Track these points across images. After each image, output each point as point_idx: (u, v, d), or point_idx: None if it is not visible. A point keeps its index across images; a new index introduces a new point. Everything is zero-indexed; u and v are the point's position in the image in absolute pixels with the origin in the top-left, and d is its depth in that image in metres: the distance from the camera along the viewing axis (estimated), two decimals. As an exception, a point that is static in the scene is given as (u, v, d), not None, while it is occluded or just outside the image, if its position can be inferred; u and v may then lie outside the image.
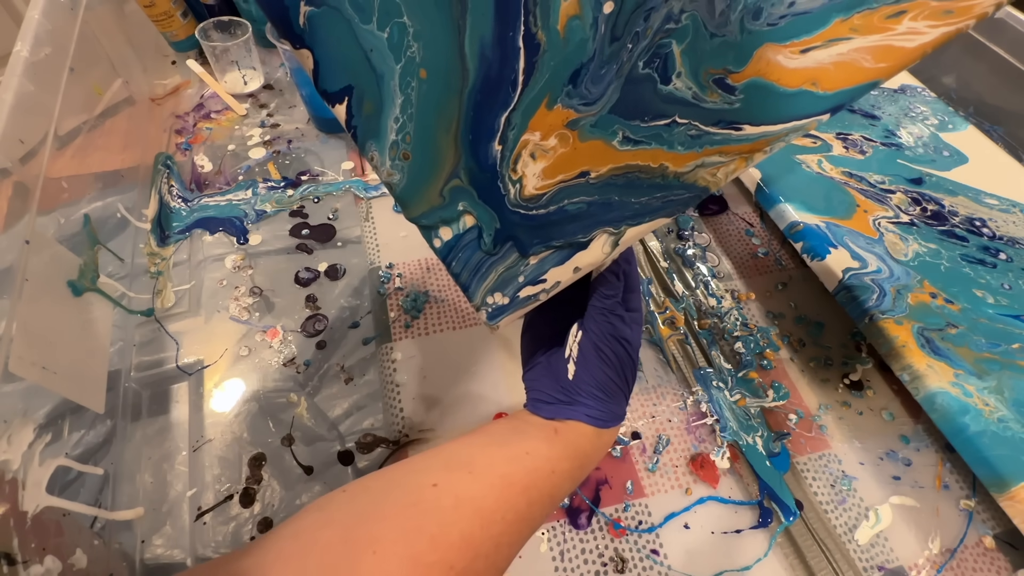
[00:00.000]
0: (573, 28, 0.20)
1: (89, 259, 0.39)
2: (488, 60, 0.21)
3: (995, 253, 0.45)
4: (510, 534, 0.23)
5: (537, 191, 0.24)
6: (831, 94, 0.20)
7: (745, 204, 0.57)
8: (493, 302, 0.26)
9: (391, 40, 0.21)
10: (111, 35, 0.56)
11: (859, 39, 0.19)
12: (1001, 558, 0.36)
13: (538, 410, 0.28)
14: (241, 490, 0.37)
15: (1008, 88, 0.58)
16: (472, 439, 0.27)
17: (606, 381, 0.27)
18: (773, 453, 0.40)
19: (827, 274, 0.42)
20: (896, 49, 0.19)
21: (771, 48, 0.20)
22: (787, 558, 0.36)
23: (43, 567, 0.26)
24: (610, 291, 0.27)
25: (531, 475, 0.25)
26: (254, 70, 0.65)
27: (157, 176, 0.54)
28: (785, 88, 0.20)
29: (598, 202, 0.24)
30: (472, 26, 0.20)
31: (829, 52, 0.19)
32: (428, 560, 0.21)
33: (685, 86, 0.21)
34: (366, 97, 0.22)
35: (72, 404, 0.33)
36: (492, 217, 0.25)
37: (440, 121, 0.22)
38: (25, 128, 0.35)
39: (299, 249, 0.50)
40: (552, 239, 0.25)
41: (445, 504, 0.22)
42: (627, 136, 0.22)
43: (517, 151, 0.23)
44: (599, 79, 0.21)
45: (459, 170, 0.24)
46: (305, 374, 0.42)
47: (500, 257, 0.25)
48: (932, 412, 0.36)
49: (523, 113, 0.22)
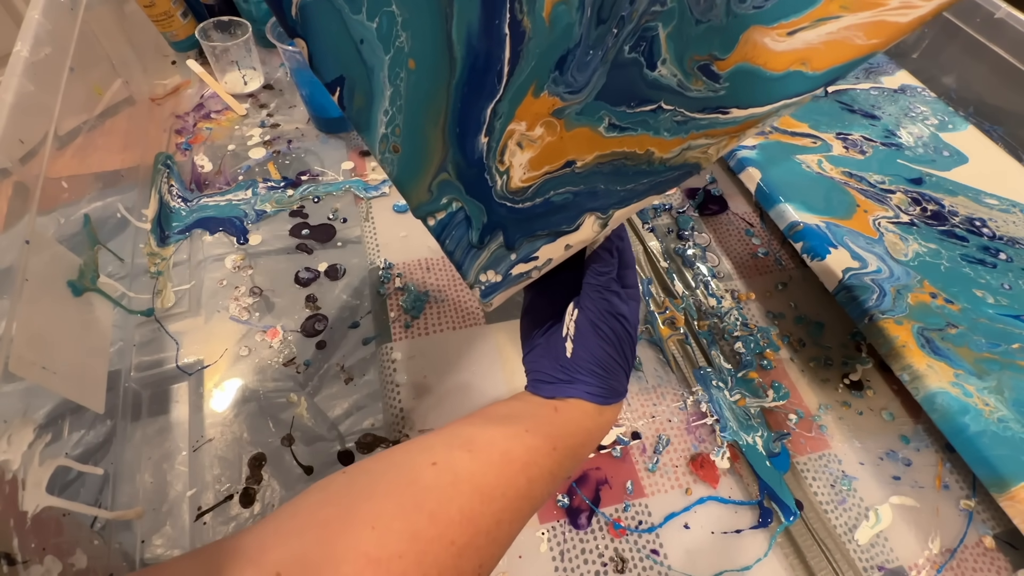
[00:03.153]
0: (559, 13, 0.20)
1: (89, 259, 0.39)
2: (475, 49, 0.21)
3: (995, 253, 0.45)
4: (511, 511, 0.23)
5: (523, 183, 0.24)
6: (822, 73, 0.20)
7: (745, 204, 0.57)
8: (486, 280, 0.26)
9: (380, 30, 0.21)
10: (111, 35, 0.56)
11: (849, 16, 0.19)
12: (1001, 558, 0.36)
13: (538, 390, 0.28)
14: (241, 490, 0.37)
15: (1008, 88, 0.58)
16: (472, 419, 0.27)
17: (604, 357, 0.27)
18: (773, 453, 0.40)
19: (827, 274, 0.42)
20: (889, 24, 0.19)
21: (758, 31, 0.20)
22: (787, 558, 0.36)
23: (43, 567, 0.26)
24: (604, 268, 0.27)
25: (531, 452, 0.25)
26: (254, 70, 0.65)
27: (157, 176, 0.54)
28: (773, 72, 0.20)
29: (584, 191, 0.24)
30: (459, 12, 0.21)
31: (818, 32, 0.19)
32: (428, 535, 0.21)
33: (670, 73, 0.21)
34: (356, 90, 0.22)
35: (72, 404, 0.33)
36: (480, 211, 0.25)
37: (428, 113, 0.23)
38: (25, 128, 0.35)
39: (299, 249, 0.50)
40: (537, 230, 0.25)
41: (444, 481, 0.22)
42: (613, 122, 0.22)
43: (503, 141, 0.23)
44: (585, 65, 0.21)
45: (447, 164, 0.24)
46: (305, 374, 0.42)
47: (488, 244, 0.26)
48: (932, 412, 0.36)
49: (510, 102, 0.22)
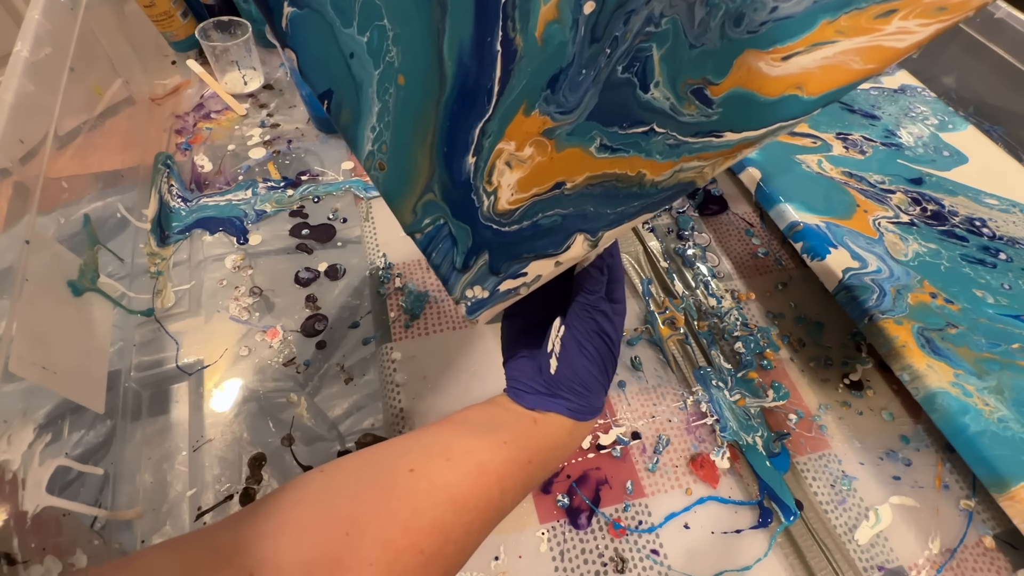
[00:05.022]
0: (552, 32, 0.20)
1: (89, 259, 0.39)
2: (466, 66, 0.21)
3: (995, 253, 0.45)
4: (481, 521, 0.24)
5: (511, 206, 0.23)
6: (817, 97, 0.20)
7: (745, 204, 0.57)
8: (473, 295, 0.26)
9: (371, 44, 0.21)
10: (111, 35, 0.56)
11: (845, 41, 0.19)
12: (1001, 558, 0.36)
13: (519, 399, 0.28)
14: (241, 490, 0.37)
15: (1008, 88, 0.58)
16: (451, 425, 0.27)
17: (587, 377, 0.27)
18: (773, 453, 0.40)
19: (827, 274, 0.42)
20: (886, 49, 0.19)
21: (752, 55, 0.20)
22: (787, 558, 0.36)
23: (43, 567, 0.26)
24: (594, 287, 0.27)
25: (507, 464, 0.25)
26: (254, 70, 0.65)
27: (157, 176, 0.54)
28: (767, 97, 0.20)
29: (573, 214, 0.23)
30: (451, 28, 0.20)
31: (814, 56, 0.19)
32: (400, 544, 0.21)
33: (663, 96, 0.21)
34: (344, 104, 0.22)
35: (72, 404, 0.33)
36: (466, 233, 0.24)
37: (416, 131, 0.22)
38: (25, 128, 0.35)
39: (299, 249, 0.50)
40: (523, 254, 0.24)
41: (420, 488, 0.23)
42: (605, 143, 0.22)
43: (492, 161, 0.23)
44: (577, 85, 0.21)
45: (433, 184, 0.23)
46: (305, 374, 0.42)
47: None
48: (932, 412, 0.36)
49: (500, 120, 0.22)
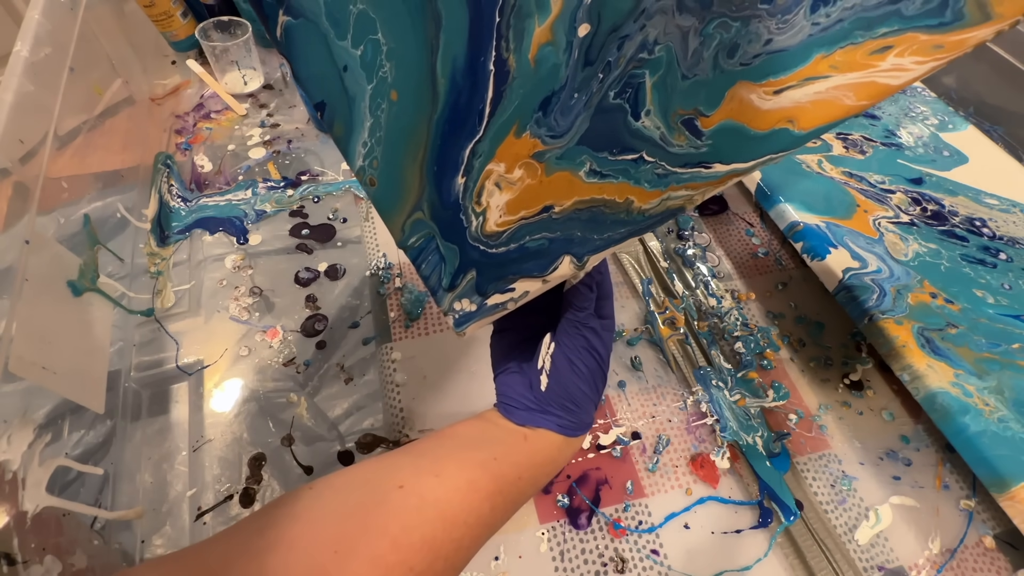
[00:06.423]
0: (545, 54, 0.20)
1: (89, 259, 0.39)
2: (458, 85, 0.21)
3: (995, 253, 0.45)
4: (471, 537, 0.24)
5: (499, 227, 0.23)
6: (808, 132, 0.20)
7: (745, 204, 0.57)
8: (460, 308, 0.26)
9: (364, 58, 0.21)
10: (111, 35, 0.56)
11: (839, 76, 0.18)
12: (1001, 558, 0.36)
13: (510, 414, 0.28)
14: (241, 490, 0.37)
15: (1008, 88, 0.58)
16: (441, 441, 0.27)
17: (578, 393, 0.27)
18: (773, 453, 0.40)
19: (827, 274, 0.42)
20: (879, 85, 0.18)
21: (745, 87, 0.19)
22: (787, 558, 0.36)
23: (43, 567, 0.26)
24: (583, 304, 0.27)
25: (497, 481, 0.25)
26: (254, 70, 0.65)
27: (157, 176, 0.54)
28: (758, 131, 0.20)
29: (560, 238, 0.23)
30: (445, 45, 0.20)
31: (806, 91, 0.19)
32: (389, 561, 0.21)
33: (654, 125, 0.21)
34: (337, 117, 0.22)
35: (72, 404, 0.33)
36: (454, 253, 0.24)
37: (408, 148, 0.22)
38: (25, 128, 0.35)
39: (299, 249, 0.50)
40: (510, 275, 0.24)
41: (410, 505, 0.23)
42: (594, 168, 0.22)
43: (481, 182, 0.23)
44: (569, 109, 0.21)
45: (422, 202, 0.23)
46: (305, 374, 0.42)
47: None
48: (932, 412, 0.36)
49: (490, 141, 0.22)
